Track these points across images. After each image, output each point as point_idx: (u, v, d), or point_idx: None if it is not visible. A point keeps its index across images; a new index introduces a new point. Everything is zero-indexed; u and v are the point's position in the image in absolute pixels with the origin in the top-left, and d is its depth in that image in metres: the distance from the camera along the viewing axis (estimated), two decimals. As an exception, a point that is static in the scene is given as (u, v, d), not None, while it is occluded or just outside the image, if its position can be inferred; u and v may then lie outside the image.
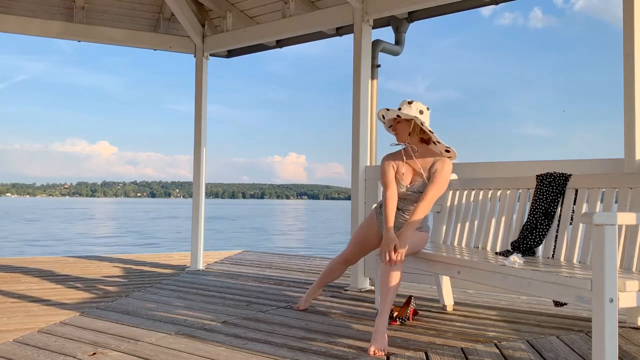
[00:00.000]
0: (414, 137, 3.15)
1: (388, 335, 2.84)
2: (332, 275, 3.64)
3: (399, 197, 3.20)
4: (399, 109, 3.13)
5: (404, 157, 3.22)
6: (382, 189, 3.40)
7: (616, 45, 3.42)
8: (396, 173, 3.22)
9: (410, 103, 3.12)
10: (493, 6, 4.66)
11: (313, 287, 3.73)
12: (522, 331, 3.14)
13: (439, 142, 3.15)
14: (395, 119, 3.18)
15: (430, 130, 3.10)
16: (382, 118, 3.25)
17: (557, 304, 2.88)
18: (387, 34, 5.20)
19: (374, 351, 2.68)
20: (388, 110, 3.15)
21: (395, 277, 2.90)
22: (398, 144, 3.23)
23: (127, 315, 3.49)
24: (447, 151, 3.16)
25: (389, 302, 2.88)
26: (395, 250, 2.89)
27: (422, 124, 3.08)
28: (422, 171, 3.16)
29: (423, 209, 3.04)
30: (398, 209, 3.21)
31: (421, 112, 3.11)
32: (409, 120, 3.13)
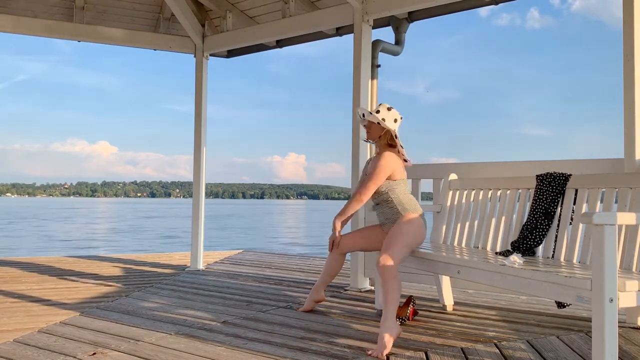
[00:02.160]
0: (383, 140, 3.36)
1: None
2: (332, 265, 3.60)
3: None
4: (377, 112, 3.31)
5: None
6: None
7: (614, 45, 3.43)
8: (365, 173, 3.51)
9: (389, 109, 3.32)
10: (490, 7, 4.66)
11: (316, 287, 3.69)
12: (522, 331, 3.14)
13: (401, 153, 3.35)
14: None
15: (401, 145, 3.31)
16: (360, 116, 3.43)
17: (560, 305, 2.88)
18: (387, 34, 5.21)
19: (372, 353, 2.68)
20: (371, 113, 3.33)
21: (386, 284, 2.94)
22: (367, 141, 3.45)
23: (127, 315, 3.49)
24: (405, 161, 3.39)
25: (390, 305, 2.89)
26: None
27: (396, 136, 3.31)
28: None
29: (348, 203, 3.34)
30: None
31: (395, 121, 3.32)
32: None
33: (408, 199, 3.30)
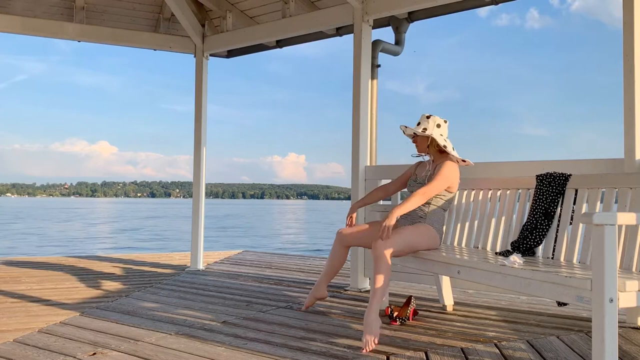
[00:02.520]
0: (432, 148, 3.39)
1: (388, 336, 2.84)
2: (335, 257, 3.56)
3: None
4: (418, 124, 3.36)
5: (427, 164, 3.52)
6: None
7: (614, 45, 3.44)
8: (416, 175, 3.50)
9: (428, 117, 3.36)
10: (490, 7, 4.66)
11: (318, 284, 3.62)
12: (522, 331, 3.14)
13: (453, 154, 3.33)
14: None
15: (444, 146, 3.30)
16: (403, 132, 3.50)
17: (560, 303, 2.88)
18: (387, 34, 5.21)
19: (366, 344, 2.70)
20: (407, 127, 3.39)
21: (379, 277, 2.92)
22: (419, 155, 3.48)
23: (127, 315, 3.49)
24: (464, 161, 3.39)
25: (374, 298, 2.89)
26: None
27: (439, 136, 3.29)
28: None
29: (411, 199, 3.16)
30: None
31: (438, 126, 3.34)
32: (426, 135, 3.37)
33: (442, 216, 3.34)
